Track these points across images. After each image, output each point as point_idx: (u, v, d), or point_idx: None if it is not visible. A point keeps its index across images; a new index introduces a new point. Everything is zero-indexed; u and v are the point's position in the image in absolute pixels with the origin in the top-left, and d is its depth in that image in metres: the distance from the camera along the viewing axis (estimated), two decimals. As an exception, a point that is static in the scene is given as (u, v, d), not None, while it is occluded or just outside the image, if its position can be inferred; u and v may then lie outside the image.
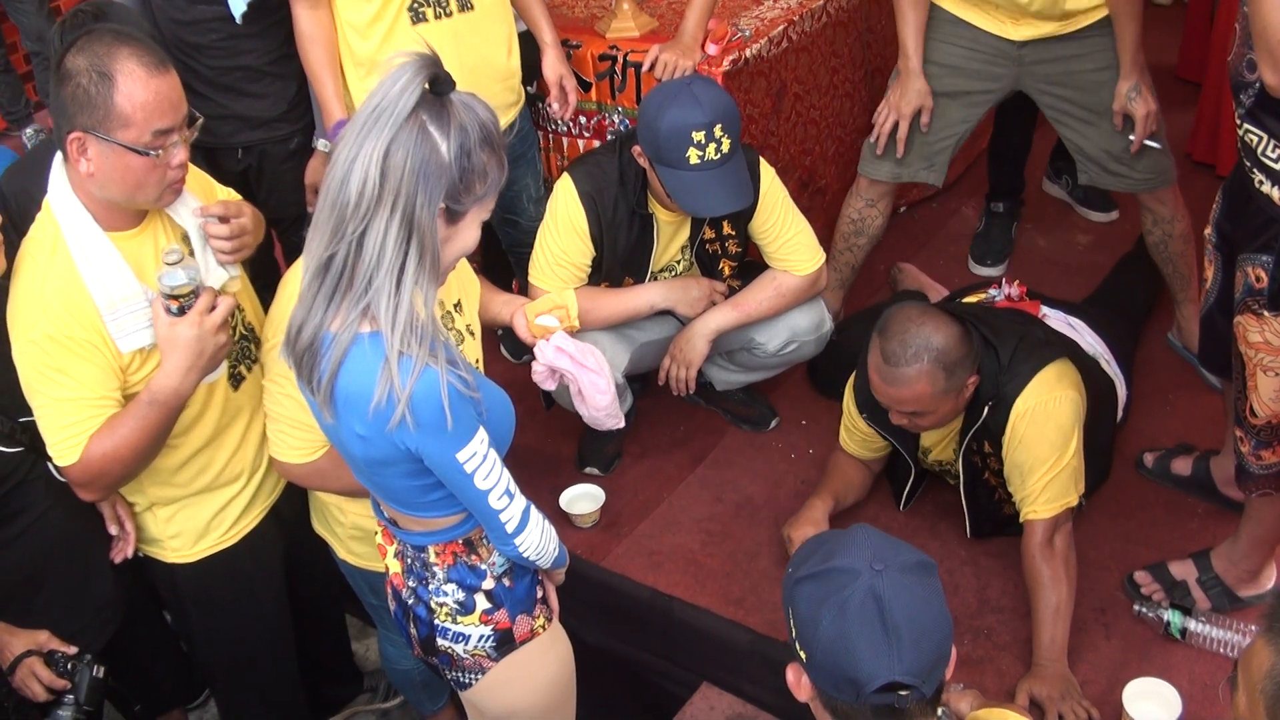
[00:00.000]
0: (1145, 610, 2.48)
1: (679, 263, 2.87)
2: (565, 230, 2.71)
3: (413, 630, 1.96)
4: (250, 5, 2.73)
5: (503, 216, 3.07)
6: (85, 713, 2.17)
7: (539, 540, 1.82)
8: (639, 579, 2.77)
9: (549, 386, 2.44)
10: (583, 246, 2.73)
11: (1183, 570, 2.52)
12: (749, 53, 3.06)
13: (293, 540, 2.45)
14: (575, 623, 2.15)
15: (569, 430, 3.05)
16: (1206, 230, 2.31)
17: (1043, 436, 2.42)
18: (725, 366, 3.07)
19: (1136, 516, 2.76)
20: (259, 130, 2.92)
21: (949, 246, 3.73)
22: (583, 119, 3.20)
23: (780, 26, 3.16)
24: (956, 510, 2.69)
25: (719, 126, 2.51)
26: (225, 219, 2.10)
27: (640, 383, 3.13)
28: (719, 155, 2.53)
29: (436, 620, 1.90)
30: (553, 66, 2.92)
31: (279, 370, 1.98)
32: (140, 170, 1.91)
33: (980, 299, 2.91)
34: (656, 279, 2.85)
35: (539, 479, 3.00)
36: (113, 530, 2.25)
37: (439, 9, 2.67)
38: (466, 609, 1.88)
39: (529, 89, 3.01)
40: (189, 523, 2.27)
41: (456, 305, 2.06)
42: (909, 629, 1.39)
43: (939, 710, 1.46)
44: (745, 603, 2.68)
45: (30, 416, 2.02)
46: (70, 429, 1.96)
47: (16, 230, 2.05)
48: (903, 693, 1.39)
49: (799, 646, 1.46)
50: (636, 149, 2.62)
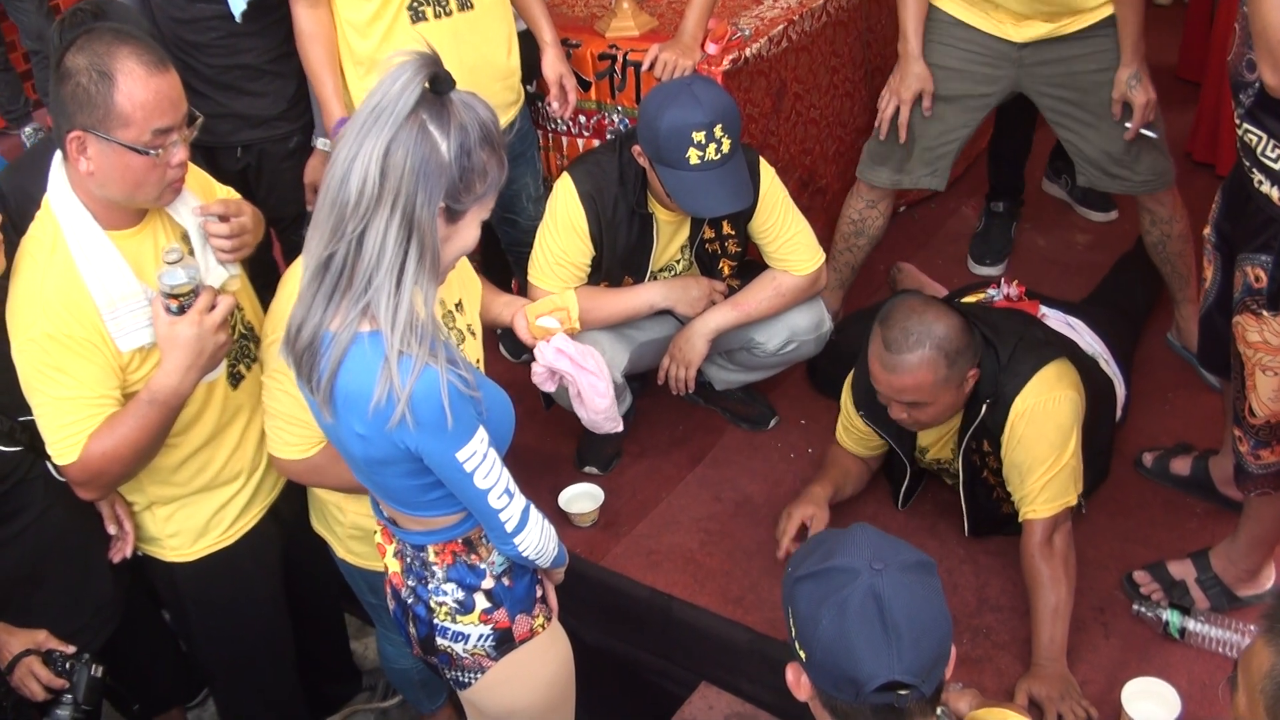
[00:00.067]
0: (1144, 610, 2.48)
1: (678, 262, 2.87)
2: (565, 230, 2.71)
3: (412, 629, 1.96)
4: (250, 4, 2.73)
5: (502, 215, 3.06)
6: (83, 712, 2.17)
7: (538, 539, 1.82)
8: (638, 578, 2.77)
9: (549, 388, 2.44)
10: (582, 246, 2.72)
11: (1181, 570, 2.52)
12: (749, 52, 3.05)
13: (292, 539, 2.45)
14: (574, 622, 2.15)
15: (568, 430, 3.05)
16: (1206, 230, 2.30)
17: (1042, 436, 2.42)
18: (724, 366, 3.06)
19: (1135, 516, 2.76)
20: (258, 129, 2.91)
21: (948, 246, 3.73)
22: (582, 118, 3.20)
23: (780, 26, 3.16)
24: (955, 509, 2.69)
25: (719, 127, 2.51)
26: (225, 218, 2.10)
27: (639, 382, 3.13)
28: (719, 155, 2.52)
29: (436, 619, 1.90)
30: (552, 65, 2.92)
31: (277, 366, 1.98)
32: (140, 169, 1.91)
33: (979, 299, 2.91)
34: (656, 278, 2.84)
35: (538, 478, 3.00)
36: (111, 530, 2.25)
37: (438, 8, 2.67)
38: (466, 608, 1.88)
39: (528, 88, 3.00)
40: (188, 522, 2.27)
41: (458, 305, 2.06)
42: (908, 628, 1.39)
43: (938, 709, 1.46)
44: (744, 602, 2.68)
45: (29, 415, 2.02)
46: (69, 428, 1.96)
47: (16, 229, 2.04)
48: (902, 692, 1.39)
49: (798, 646, 1.46)
50: (636, 149, 2.62)
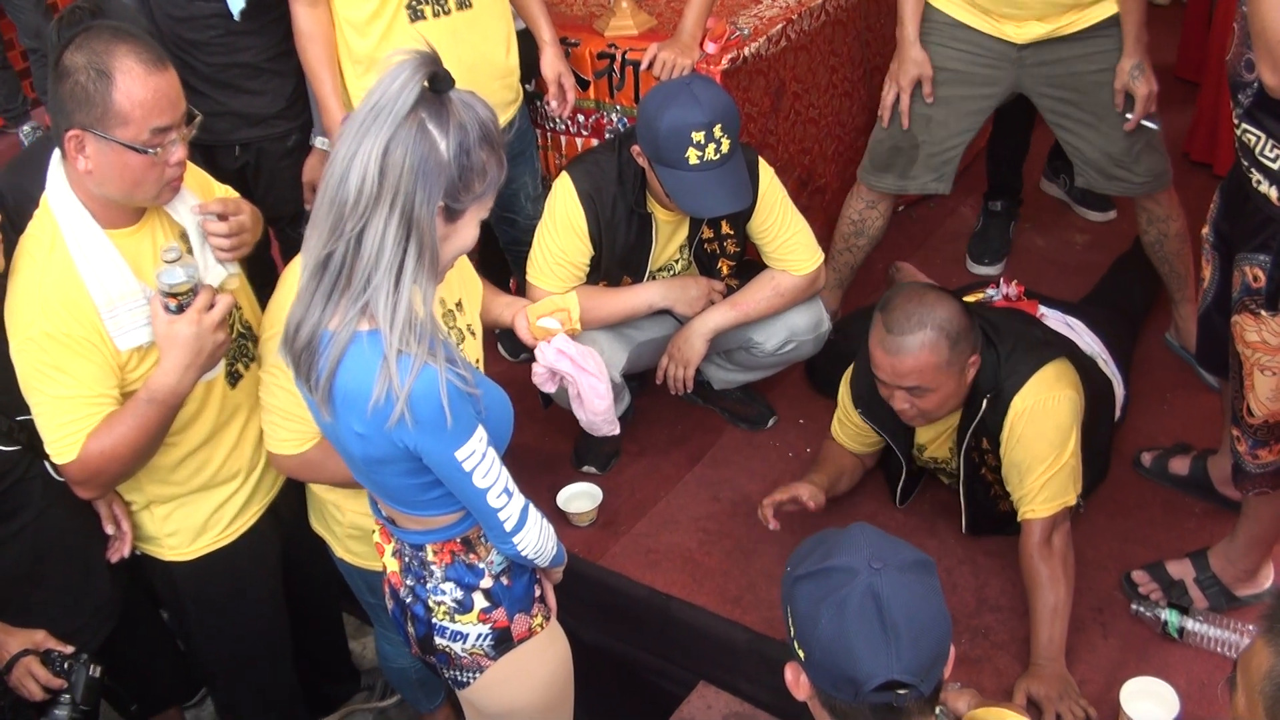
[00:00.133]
0: (1143, 609, 2.48)
1: (677, 262, 2.87)
2: (564, 229, 2.71)
3: (410, 629, 1.96)
4: (248, 2, 2.73)
5: (500, 214, 3.06)
6: (81, 712, 2.17)
7: (537, 539, 1.82)
8: (636, 578, 2.77)
9: (549, 389, 2.44)
10: (581, 245, 2.72)
11: (1180, 569, 2.52)
12: (747, 51, 3.05)
13: (290, 539, 2.45)
14: (573, 621, 2.15)
15: (567, 429, 3.05)
16: (1204, 230, 2.30)
17: (1041, 435, 2.42)
18: (723, 365, 3.06)
19: (1134, 516, 2.76)
20: (257, 127, 2.91)
21: (947, 245, 3.73)
22: (581, 117, 3.20)
23: (779, 25, 3.16)
24: (954, 509, 2.69)
25: (719, 127, 2.50)
26: (224, 216, 2.10)
27: (638, 381, 3.13)
28: (718, 155, 2.52)
29: (434, 619, 1.90)
30: (551, 64, 2.92)
31: (275, 361, 1.98)
32: (138, 168, 1.90)
33: (978, 299, 2.91)
34: (655, 278, 2.84)
35: (537, 477, 3.00)
36: (109, 529, 2.24)
37: (437, 7, 2.67)
38: (464, 607, 1.88)
39: (527, 87, 3.00)
40: (186, 521, 2.27)
41: (458, 304, 2.06)
42: (907, 627, 1.39)
43: (937, 709, 1.46)
44: (743, 601, 2.68)
45: (28, 415, 2.02)
46: (68, 427, 1.95)
47: (14, 228, 2.04)
48: (901, 691, 1.39)
49: (797, 645, 1.46)
50: (635, 148, 2.62)
